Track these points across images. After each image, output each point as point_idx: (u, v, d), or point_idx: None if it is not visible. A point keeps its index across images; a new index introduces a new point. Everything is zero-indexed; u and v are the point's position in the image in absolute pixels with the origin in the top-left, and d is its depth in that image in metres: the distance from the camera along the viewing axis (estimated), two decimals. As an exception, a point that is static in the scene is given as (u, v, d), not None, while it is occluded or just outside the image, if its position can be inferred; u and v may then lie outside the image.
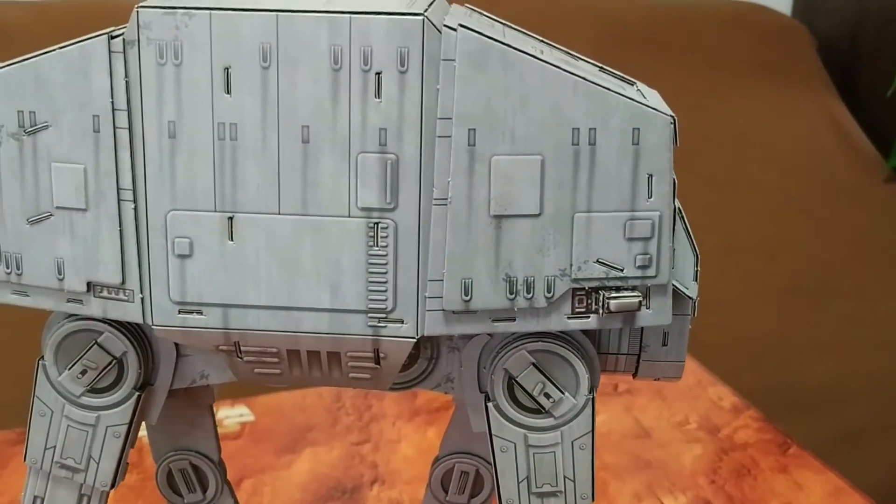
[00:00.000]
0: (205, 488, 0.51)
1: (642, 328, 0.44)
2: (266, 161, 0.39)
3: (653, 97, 0.41)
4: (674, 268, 0.41)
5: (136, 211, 0.40)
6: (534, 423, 0.43)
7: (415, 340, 0.40)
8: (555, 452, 0.43)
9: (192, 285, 0.40)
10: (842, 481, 0.73)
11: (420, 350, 0.45)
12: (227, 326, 0.41)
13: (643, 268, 0.40)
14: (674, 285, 0.41)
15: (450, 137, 0.38)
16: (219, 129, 0.39)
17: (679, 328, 0.43)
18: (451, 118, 0.38)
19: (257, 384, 0.44)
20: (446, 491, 0.50)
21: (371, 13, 0.37)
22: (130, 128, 0.39)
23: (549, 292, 0.40)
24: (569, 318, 0.40)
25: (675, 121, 0.39)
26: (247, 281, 0.40)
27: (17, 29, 1.38)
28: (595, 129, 0.38)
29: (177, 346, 0.45)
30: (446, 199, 0.39)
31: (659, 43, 1.69)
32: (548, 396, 0.42)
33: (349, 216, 0.39)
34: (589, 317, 0.41)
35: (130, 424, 0.44)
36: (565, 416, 0.43)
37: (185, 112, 0.39)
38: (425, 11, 0.38)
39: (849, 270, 1.40)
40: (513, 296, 0.40)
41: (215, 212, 0.39)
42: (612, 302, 0.40)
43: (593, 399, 0.43)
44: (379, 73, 0.38)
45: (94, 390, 0.44)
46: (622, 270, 0.40)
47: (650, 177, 0.39)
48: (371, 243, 0.39)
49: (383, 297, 0.40)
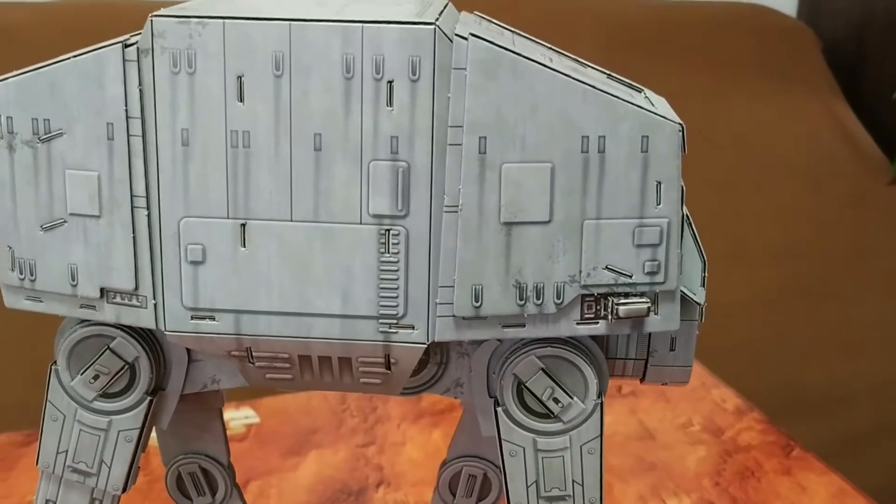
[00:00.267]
0: (214, 491, 0.51)
1: (650, 333, 0.44)
2: (279, 168, 0.39)
3: (661, 104, 0.41)
4: (681, 274, 0.41)
5: (150, 218, 0.40)
6: (543, 428, 0.43)
7: (425, 346, 0.41)
8: (563, 457, 0.43)
9: (204, 291, 0.40)
10: (845, 483, 0.73)
11: (430, 355, 0.45)
12: (239, 332, 0.41)
13: (652, 274, 0.40)
14: (682, 291, 0.41)
15: (461, 145, 0.38)
16: (232, 137, 0.39)
17: (687, 333, 0.44)
18: (461, 126, 0.38)
19: (268, 389, 0.44)
20: (454, 494, 0.51)
21: (383, 22, 0.38)
22: (144, 135, 0.39)
23: (558, 298, 0.40)
24: (578, 323, 0.41)
25: (683, 128, 0.39)
26: (259, 287, 0.40)
27: (20, 29, 1.38)
28: (604, 136, 0.39)
29: (188, 352, 0.45)
30: (457, 207, 0.39)
31: (663, 45, 1.68)
32: (557, 401, 0.43)
33: (361, 223, 0.39)
34: (598, 322, 0.41)
35: (142, 429, 0.44)
36: (574, 421, 0.43)
37: (199, 120, 0.39)
38: (436, 20, 0.38)
39: (853, 273, 1.40)
40: (523, 302, 0.40)
41: (228, 219, 0.40)
42: (621, 308, 0.40)
43: (602, 404, 0.43)
44: (391, 82, 0.38)
45: (106, 395, 0.44)
46: (631, 277, 0.40)
47: (659, 184, 0.39)
48: (382, 250, 0.40)
49: (394, 304, 0.40)
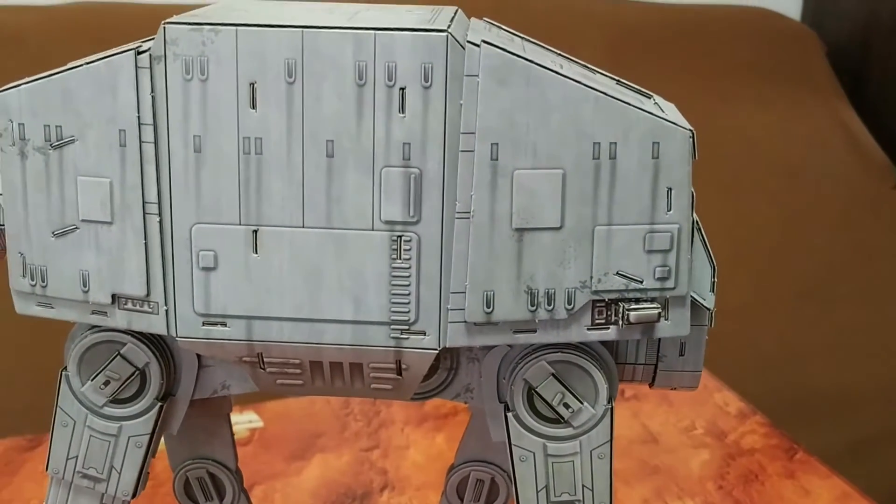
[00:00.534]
0: (222, 496, 0.51)
1: (660, 338, 0.44)
2: (291, 175, 0.39)
3: (670, 110, 0.41)
4: (692, 279, 0.41)
5: (162, 224, 0.40)
6: (553, 433, 0.43)
7: (437, 352, 0.41)
8: (573, 462, 0.43)
9: (216, 297, 0.40)
10: (849, 487, 0.73)
11: (440, 361, 0.45)
12: (250, 338, 0.41)
13: (662, 280, 0.40)
14: (692, 296, 0.42)
15: (473, 152, 0.39)
16: (244, 144, 0.39)
17: (696, 338, 0.44)
18: (474, 133, 0.38)
19: (279, 394, 0.44)
20: (462, 498, 0.51)
21: (396, 29, 0.38)
22: (156, 142, 0.39)
23: (569, 304, 0.40)
24: (589, 329, 0.41)
25: (693, 135, 0.39)
26: (271, 293, 0.40)
27: (28, 32, 1.38)
28: (616, 143, 0.39)
29: (198, 357, 0.45)
30: (469, 213, 0.39)
31: (667, 48, 1.68)
32: (567, 406, 0.43)
33: (373, 229, 0.39)
34: (608, 328, 0.41)
35: (152, 435, 0.44)
36: (584, 426, 0.43)
37: (211, 126, 0.39)
38: (448, 27, 0.38)
39: (858, 277, 1.39)
40: (534, 308, 0.40)
41: (240, 225, 0.40)
42: (631, 314, 0.40)
43: (612, 409, 0.43)
44: (403, 89, 0.38)
45: (116, 401, 0.44)
46: (642, 282, 0.40)
47: (669, 190, 0.40)
48: (394, 256, 0.40)
49: (406, 310, 0.40)
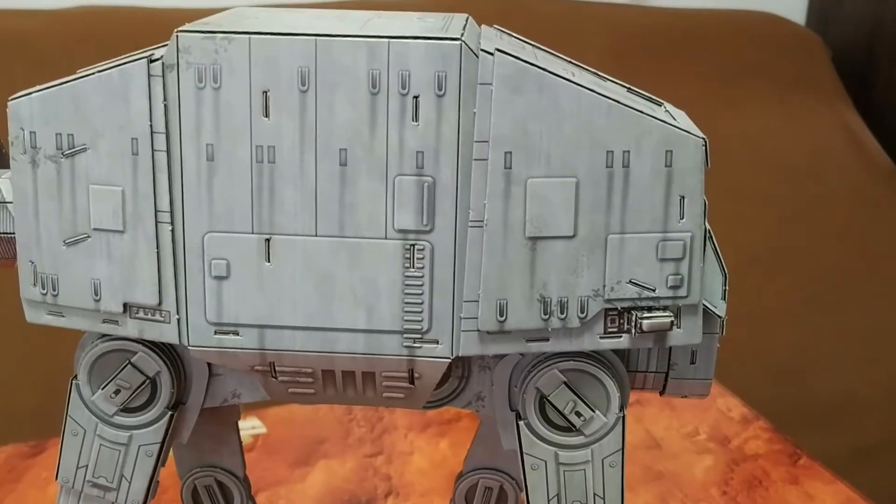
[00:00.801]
0: (230, 504, 0.51)
1: (671, 346, 0.44)
2: (304, 183, 0.39)
3: (682, 118, 0.41)
4: (703, 287, 0.41)
5: (174, 233, 0.40)
6: (565, 441, 0.43)
7: (450, 361, 0.41)
8: (585, 470, 0.43)
9: (228, 306, 0.40)
10: (853, 492, 0.73)
11: (452, 369, 0.45)
12: (262, 347, 0.41)
13: (675, 288, 0.40)
14: (703, 304, 0.42)
15: (486, 160, 0.39)
16: (257, 152, 0.39)
17: (707, 346, 0.44)
18: (487, 141, 0.38)
19: (290, 403, 0.44)
20: (470, 506, 0.51)
21: (409, 38, 0.38)
22: (168, 150, 0.39)
23: (582, 313, 0.40)
24: (601, 337, 0.41)
25: (706, 143, 0.39)
26: (283, 302, 0.40)
27: (36, 36, 1.38)
28: (629, 151, 0.39)
29: (209, 366, 0.45)
30: (482, 222, 0.39)
31: (672, 53, 1.67)
32: (579, 415, 0.43)
33: (386, 238, 0.39)
34: (621, 336, 0.41)
35: (163, 443, 0.44)
36: (596, 434, 0.43)
37: (224, 135, 0.39)
38: (461, 35, 0.38)
39: (863, 281, 1.39)
40: (547, 316, 0.40)
41: (252, 234, 0.40)
42: (644, 322, 0.40)
43: (624, 417, 0.43)
44: (416, 97, 0.38)
45: (127, 409, 0.44)
46: (654, 291, 0.40)
47: (682, 198, 0.40)
48: (407, 265, 0.40)
49: (419, 318, 0.40)
